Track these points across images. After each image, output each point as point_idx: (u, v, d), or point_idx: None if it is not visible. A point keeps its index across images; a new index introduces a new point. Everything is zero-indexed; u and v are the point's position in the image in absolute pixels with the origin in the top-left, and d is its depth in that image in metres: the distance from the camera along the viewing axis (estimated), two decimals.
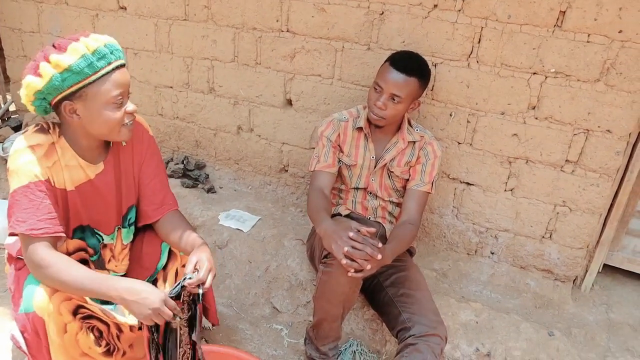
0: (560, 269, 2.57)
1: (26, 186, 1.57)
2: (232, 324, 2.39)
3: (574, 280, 2.65)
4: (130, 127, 1.69)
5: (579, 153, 2.34)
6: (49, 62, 1.50)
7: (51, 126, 1.66)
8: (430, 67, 2.19)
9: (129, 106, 1.66)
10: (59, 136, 1.66)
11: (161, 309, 1.52)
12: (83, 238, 1.81)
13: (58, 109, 1.59)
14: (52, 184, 1.64)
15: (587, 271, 2.62)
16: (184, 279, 1.61)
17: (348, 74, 2.65)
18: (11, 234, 1.64)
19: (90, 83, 1.54)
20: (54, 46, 1.54)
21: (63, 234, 1.66)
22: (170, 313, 1.54)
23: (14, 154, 1.59)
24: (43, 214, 1.59)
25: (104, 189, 1.78)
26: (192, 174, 3.18)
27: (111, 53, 1.57)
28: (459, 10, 2.31)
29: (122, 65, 1.62)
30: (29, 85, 1.52)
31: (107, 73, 1.56)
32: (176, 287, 1.61)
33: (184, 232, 1.84)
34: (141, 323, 1.60)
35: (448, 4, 2.32)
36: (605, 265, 2.67)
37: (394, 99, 2.05)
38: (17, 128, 3.70)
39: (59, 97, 1.54)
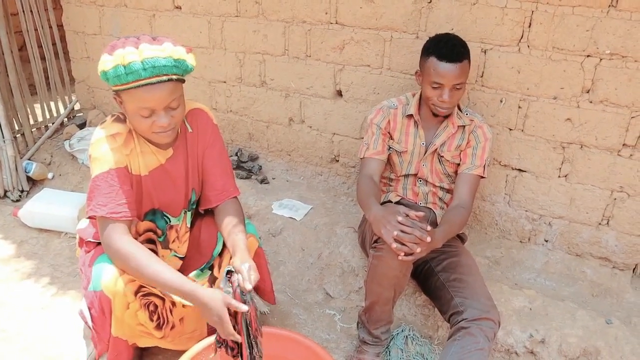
0: (619, 256, 2.50)
1: (107, 172, 1.68)
2: (286, 309, 2.46)
3: (634, 269, 2.58)
4: (166, 135, 1.71)
5: (637, 136, 2.27)
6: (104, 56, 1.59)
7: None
8: (479, 53, 2.18)
9: (160, 119, 1.65)
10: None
11: (222, 317, 1.56)
12: (153, 220, 1.91)
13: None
14: (130, 171, 1.75)
15: None
16: (226, 271, 1.67)
17: (397, 63, 2.67)
18: (90, 217, 1.75)
19: (122, 90, 1.60)
20: (117, 41, 1.61)
21: (136, 219, 1.77)
22: (229, 329, 1.57)
23: (96, 142, 1.70)
24: (122, 199, 1.69)
25: (174, 172, 1.87)
26: (246, 166, 3.28)
27: (144, 70, 1.55)
28: None
29: (166, 81, 1.60)
30: (100, 64, 1.61)
31: (136, 87, 1.58)
32: (224, 280, 1.66)
33: (233, 228, 1.84)
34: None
35: None
36: None
37: (456, 88, 2.08)
38: (81, 126, 3.91)
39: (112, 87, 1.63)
